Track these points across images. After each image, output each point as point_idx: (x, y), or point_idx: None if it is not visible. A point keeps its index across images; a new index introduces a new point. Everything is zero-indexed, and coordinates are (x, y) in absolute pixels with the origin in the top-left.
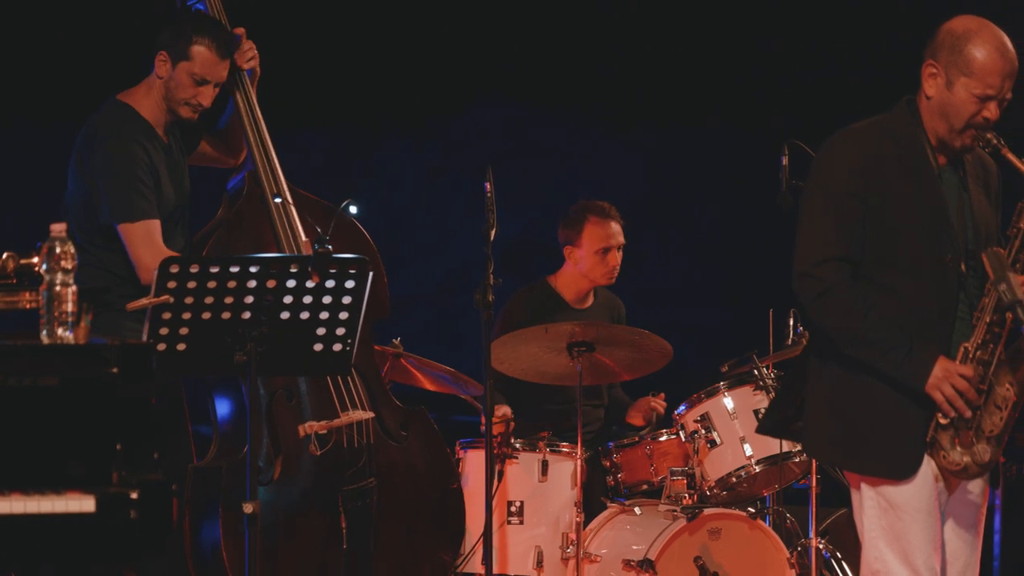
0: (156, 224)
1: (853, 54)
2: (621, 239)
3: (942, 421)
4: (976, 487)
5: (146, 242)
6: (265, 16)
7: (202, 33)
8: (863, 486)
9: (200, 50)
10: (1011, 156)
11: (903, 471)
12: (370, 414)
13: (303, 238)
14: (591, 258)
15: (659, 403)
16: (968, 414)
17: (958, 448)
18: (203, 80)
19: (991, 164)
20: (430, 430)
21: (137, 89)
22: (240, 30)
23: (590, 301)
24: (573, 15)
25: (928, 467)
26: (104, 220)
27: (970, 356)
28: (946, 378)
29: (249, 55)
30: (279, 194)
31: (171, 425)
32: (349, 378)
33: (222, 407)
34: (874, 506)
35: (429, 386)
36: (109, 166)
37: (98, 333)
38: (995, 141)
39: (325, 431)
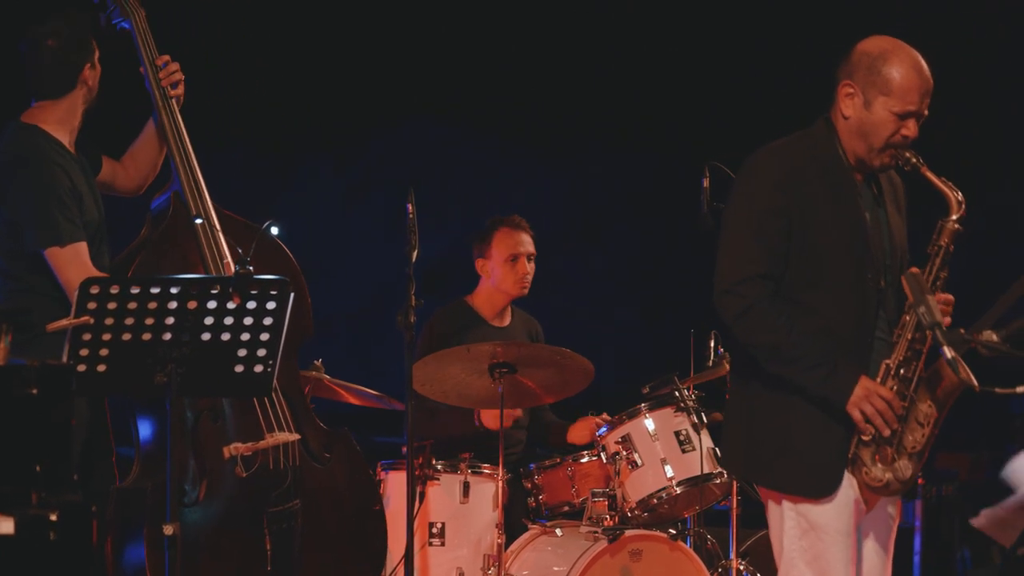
0: (84, 246)
1: (772, 76)
2: (531, 248)
3: (864, 438)
4: (892, 507)
5: (75, 264)
6: (187, 33)
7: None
8: (784, 504)
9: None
10: (930, 175)
11: (824, 489)
12: (296, 436)
13: (228, 259)
14: (501, 267)
15: (602, 420)
16: (887, 432)
17: (879, 464)
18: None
19: (897, 180)
20: (353, 452)
21: (40, 108)
22: (166, 57)
23: (508, 319)
24: (495, 37)
25: (850, 488)
26: (31, 248)
27: (892, 373)
28: (866, 397)
29: (175, 77)
30: (199, 215)
31: (97, 446)
32: (275, 399)
33: (145, 428)
34: (795, 527)
35: (354, 401)
36: (30, 192)
37: (33, 355)
38: (914, 160)
39: (250, 453)
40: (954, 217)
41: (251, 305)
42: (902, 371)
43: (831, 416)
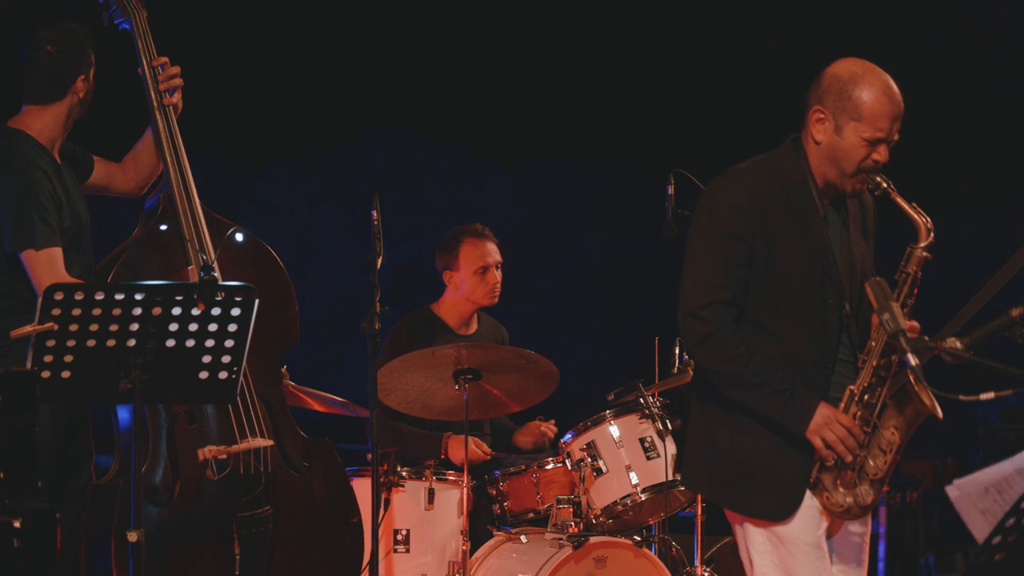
0: (59, 251)
1: (738, 83)
2: (498, 257)
3: (827, 463)
4: (857, 524)
5: (48, 268)
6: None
7: (90, 34)
8: (747, 524)
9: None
10: (900, 200)
11: (781, 512)
12: (269, 442)
13: (213, 259)
14: (471, 279)
15: (549, 427)
16: (849, 459)
17: (840, 489)
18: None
19: (868, 201)
20: (333, 462)
21: (27, 114)
22: (164, 59)
23: (474, 327)
24: (458, 45)
25: (813, 501)
26: (8, 249)
27: (856, 399)
28: (826, 424)
29: (175, 82)
30: (177, 219)
31: (77, 449)
32: (251, 405)
33: (124, 419)
34: (764, 541)
35: (318, 408)
36: (11, 194)
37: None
38: (884, 184)
39: (224, 456)
40: (923, 244)
41: (216, 312)
42: (866, 397)
43: (790, 440)
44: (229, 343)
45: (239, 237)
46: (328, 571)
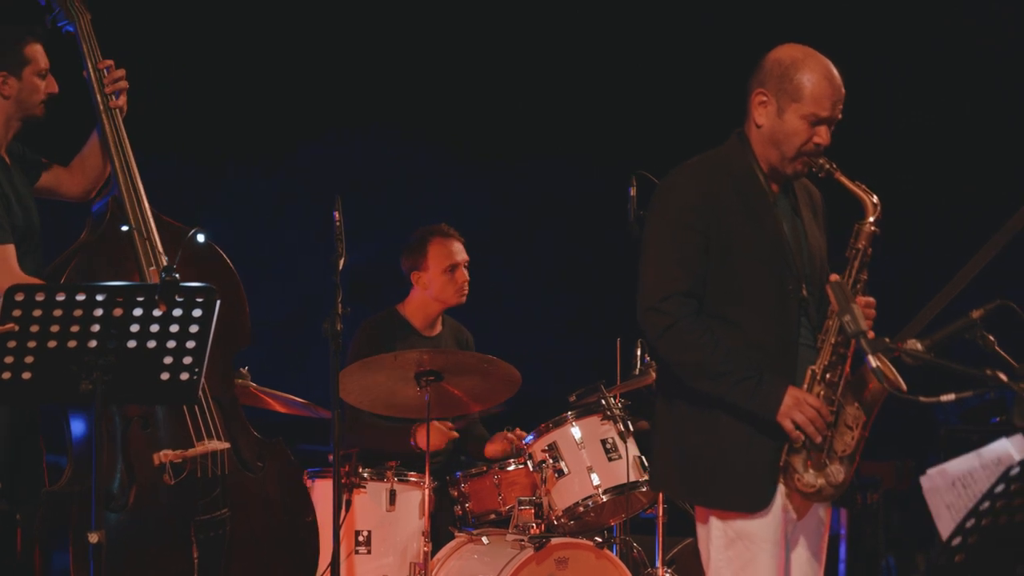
0: (11, 249)
1: (699, 84)
2: (465, 256)
3: (795, 445)
4: (823, 511)
5: (2, 266)
6: (114, 39)
7: (23, 35)
8: (712, 519)
9: (34, 48)
10: (844, 179)
11: (756, 504)
12: (226, 445)
13: (165, 264)
14: (440, 278)
15: (516, 436)
16: (819, 439)
17: (811, 470)
18: (45, 72)
19: (815, 191)
20: (287, 462)
21: None
22: (109, 62)
23: (439, 328)
24: (420, 45)
25: (779, 498)
26: None
27: (817, 378)
28: (796, 406)
29: (120, 84)
30: (127, 222)
31: (27, 451)
32: (206, 407)
33: (77, 428)
34: (721, 536)
35: (280, 409)
36: None
37: None
38: (828, 166)
39: (180, 460)
40: (871, 219)
41: (177, 313)
42: (828, 376)
43: (759, 430)
44: (190, 344)
45: (200, 239)
46: (285, 571)
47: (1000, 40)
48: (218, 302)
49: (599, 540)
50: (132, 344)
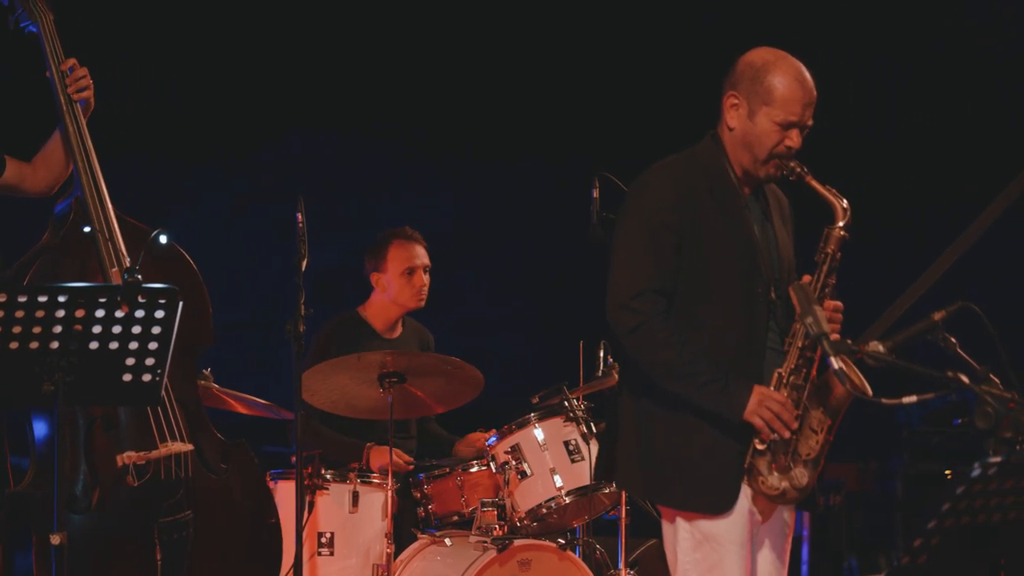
0: None
1: (662, 87)
2: (426, 260)
3: (759, 447)
4: (787, 514)
5: None
6: (77, 41)
7: None
8: (678, 520)
9: None
10: (815, 183)
11: (721, 505)
12: (189, 446)
13: (127, 265)
14: (398, 280)
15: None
16: (787, 435)
17: (775, 473)
18: None
19: (783, 197)
20: (250, 463)
21: None
22: (72, 61)
23: (399, 330)
24: (384, 46)
25: (744, 499)
26: None
27: (784, 381)
28: (762, 403)
29: (83, 84)
30: (89, 223)
31: None
32: (169, 409)
33: (40, 430)
34: (688, 538)
35: (243, 410)
36: None
37: None
38: (799, 169)
39: (143, 462)
40: (840, 224)
41: (139, 314)
42: (793, 378)
43: (725, 431)
44: (153, 345)
45: (163, 240)
46: (248, 573)
47: (1002, 40)
48: (181, 303)
49: (562, 542)
50: (94, 345)
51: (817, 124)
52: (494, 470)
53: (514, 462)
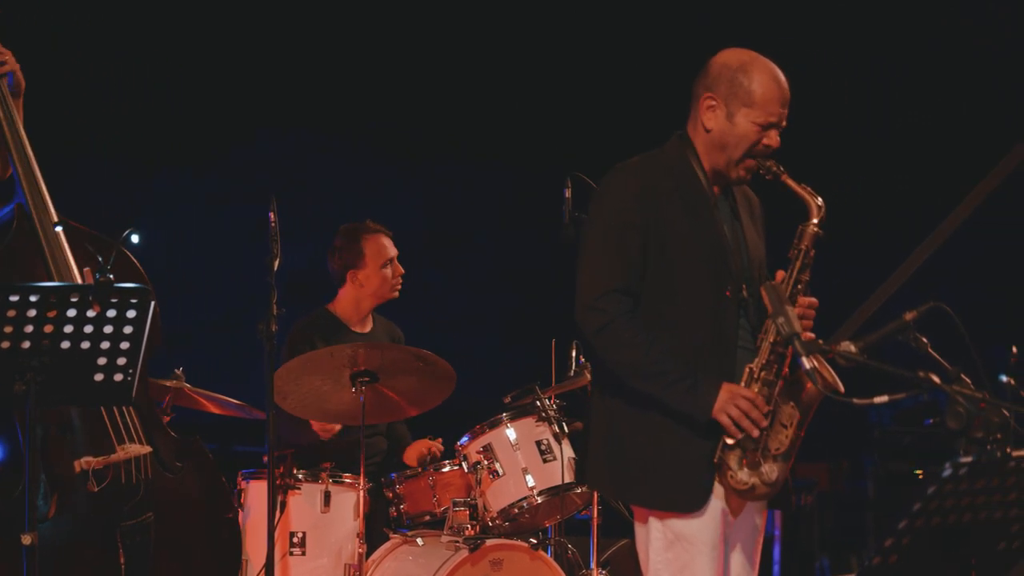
0: None
1: (634, 86)
2: (396, 250)
3: (728, 442)
4: (759, 512)
5: None
6: (38, 40)
7: None
8: (651, 520)
9: None
10: (790, 182)
11: (692, 503)
12: (147, 448)
13: (75, 272)
14: (378, 274)
15: (436, 445)
16: (756, 433)
17: (745, 468)
18: None
19: (753, 196)
20: (205, 460)
21: None
22: None
23: (370, 324)
24: (356, 47)
25: (717, 499)
26: None
27: (755, 377)
28: (730, 400)
29: (6, 69)
30: (60, 222)
31: None
32: (125, 411)
33: None
34: (660, 538)
35: (215, 410)
36: None
37: None
38: (775, 168)
39: (102, 466)
40: (814, 221)
41: (111, 313)
42: (764, 374)
43: (695, 429)
44: (124, 345)
45: (135, 239)
46: (208, 569)
47: (998, 40)
48: (153, 303)
49: (534, 541)
50: (66, 345)
51: (815, 124)
52: (466, 470)
53: (486, 462)
